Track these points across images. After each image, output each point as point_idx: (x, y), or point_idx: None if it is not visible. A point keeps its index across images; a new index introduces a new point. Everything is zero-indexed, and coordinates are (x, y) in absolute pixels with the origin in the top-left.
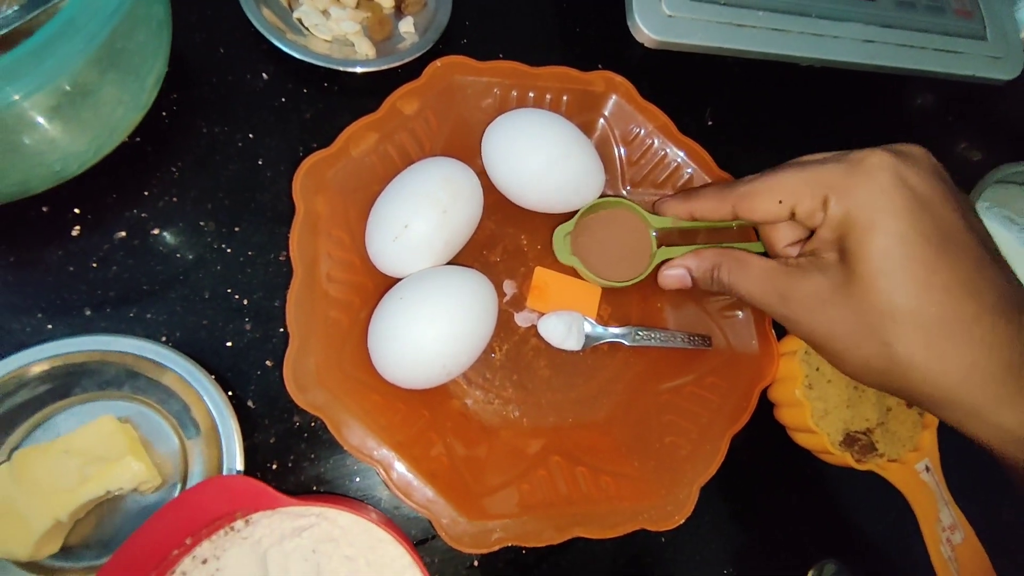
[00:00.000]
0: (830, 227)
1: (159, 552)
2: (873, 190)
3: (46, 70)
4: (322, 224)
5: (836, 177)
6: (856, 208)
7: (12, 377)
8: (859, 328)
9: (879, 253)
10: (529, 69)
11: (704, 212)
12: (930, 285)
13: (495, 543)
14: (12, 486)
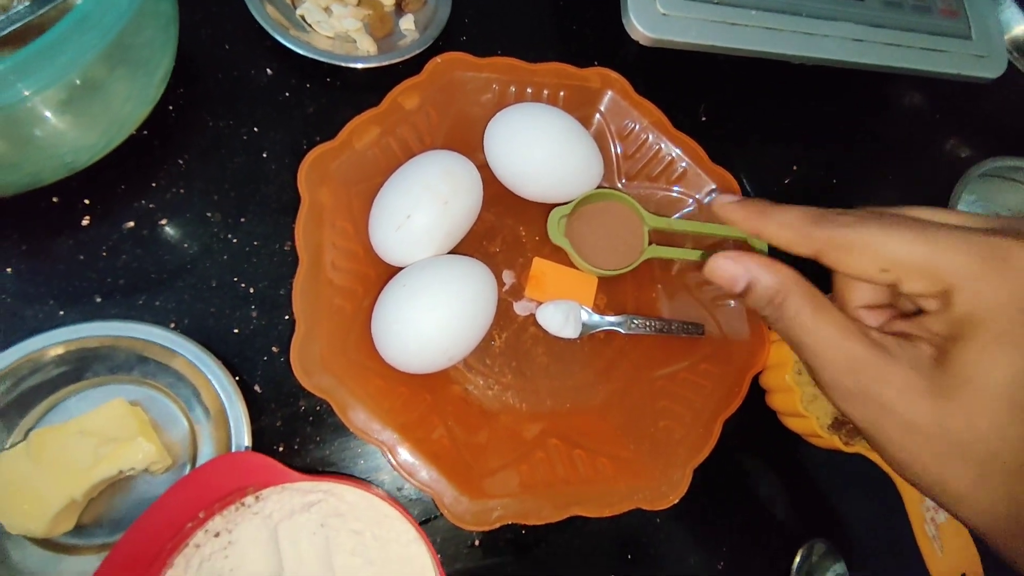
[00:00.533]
0: (944, 322)
1: (175, 524)
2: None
3: (58, 67)
4: (326, 215)
5: (971, 267)
6: (988, 317)
7: (27, 361)
8: (942, 451)
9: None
10: (527, 65)
11: (778, 239)
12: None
13: (496, 521)
14: (29, 465)
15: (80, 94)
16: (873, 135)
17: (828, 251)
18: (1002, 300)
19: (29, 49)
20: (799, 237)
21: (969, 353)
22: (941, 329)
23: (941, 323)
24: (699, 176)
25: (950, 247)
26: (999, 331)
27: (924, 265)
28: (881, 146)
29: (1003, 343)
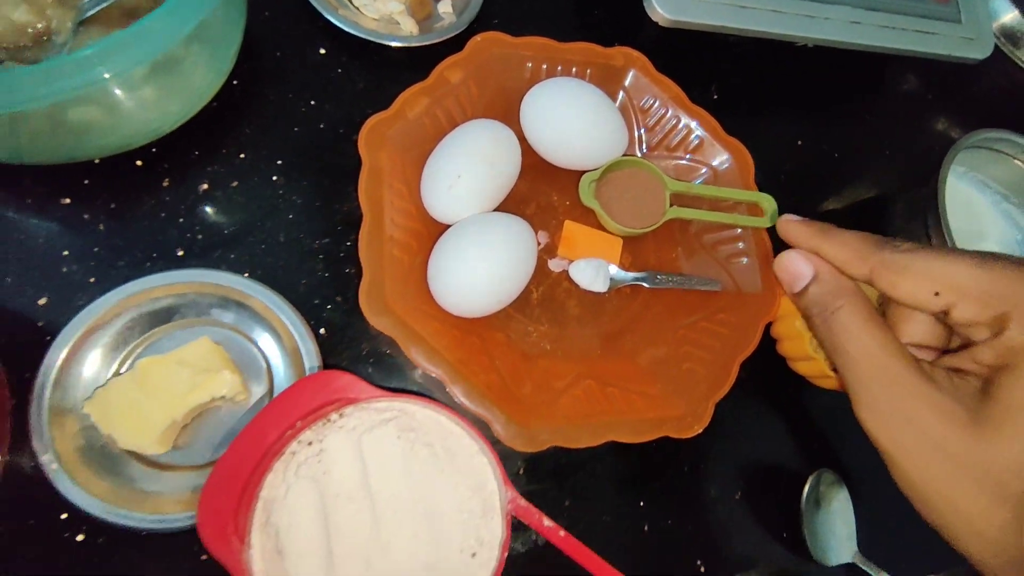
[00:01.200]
0: (993, 350)
1: (274, 435)
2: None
3: (140, 53)
4: (384, 176)
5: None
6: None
7: (123, 305)
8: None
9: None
10: (558, 44)
11: (836, 258)
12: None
13: (542, 443)
14: (136, 390)
15: (162, 69)
16: (871, 111)
17: (883, 273)
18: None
19: (113, 38)
20: (856, 258)
21: (1020, 381)
22: (989, 358)
23: (990, 352)
24: (713, 146)
25: (1008, 275)
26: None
27: (978, 290)
28: (878, 121)
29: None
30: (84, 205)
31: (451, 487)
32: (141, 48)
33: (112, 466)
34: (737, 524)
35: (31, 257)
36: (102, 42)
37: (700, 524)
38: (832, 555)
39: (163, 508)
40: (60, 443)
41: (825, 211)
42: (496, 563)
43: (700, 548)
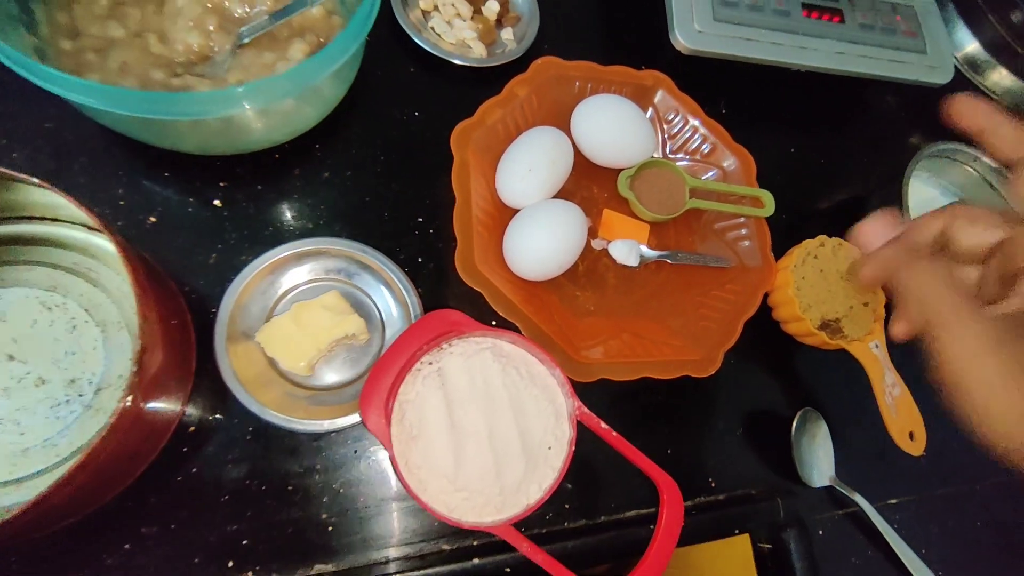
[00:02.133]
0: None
1: (406, 353)
2: None
3: (280, 92)
4: (471, 169)
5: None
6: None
7: (272, 264)
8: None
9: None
10: (601, 67)
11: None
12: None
13: (593, 375)
14: (293, 326)
15: (307, 91)
16: (852, 125)
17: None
18: None
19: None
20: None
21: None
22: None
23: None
24: (723, 151)
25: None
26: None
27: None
28: (858, 133)
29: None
30: (237, 188)
31: (533, 398)
32: (281, 88)
33: (271, 383)
34: (740, 451)
35: (201, 226)
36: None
37: (711, 450)
38: (815, 478)
39: (306, 416)
40: (235, 364)
41: (814, 206)
42: (566, 454)
43: (711, 469)
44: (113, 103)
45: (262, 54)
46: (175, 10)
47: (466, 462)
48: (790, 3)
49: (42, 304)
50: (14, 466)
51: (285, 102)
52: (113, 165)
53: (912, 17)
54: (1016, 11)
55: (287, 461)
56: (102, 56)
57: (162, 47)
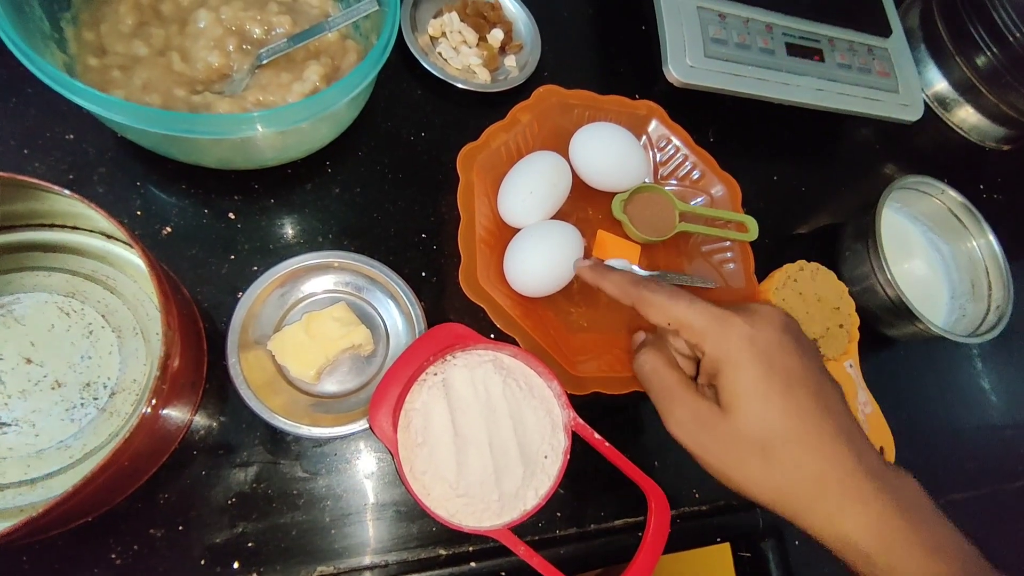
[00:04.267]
0: (707, 363)
1: (414, 364)
2: (732, 344)
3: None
4: (475, 189)
5: (710, 328)
6: (724, 355)
7: (283, 275)
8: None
9: (745, 390)
10: (598, 96)
11: (610, 292)
12: (786, 412)
13: (587, 388)
14: (304, 336)
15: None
16: (831, 156)
17: (639, 305)
18: (730, 345)
19: (278, 109)
20: (621, 293)
21: (726, 380)
22: (709, 368)
23: (708, 363)
24: (711, 178)
25: (700, 313)
26: (734, 362)
27: (687, 323)
28: (836, 164)
29: (739, 369)
30: (251, 201)
31: (532, 409)
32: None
33: (277, 389)
34: None
35: (215, 237)
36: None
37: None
38: None
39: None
40: (246, 369)
41: (794, 232)
42: (561, 463)
43: (696, 481)
44: (143, 121)
45: (279, 74)
46: (197, 30)
47: (467, 469)
48: (775, 43)
49: (60, 309)
50: (29, 467)
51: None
52: (131, 177)
53: (886, 59)
54: (981, 55)
55: (292, 466)
56: (127, 73)
57: (184, 65)
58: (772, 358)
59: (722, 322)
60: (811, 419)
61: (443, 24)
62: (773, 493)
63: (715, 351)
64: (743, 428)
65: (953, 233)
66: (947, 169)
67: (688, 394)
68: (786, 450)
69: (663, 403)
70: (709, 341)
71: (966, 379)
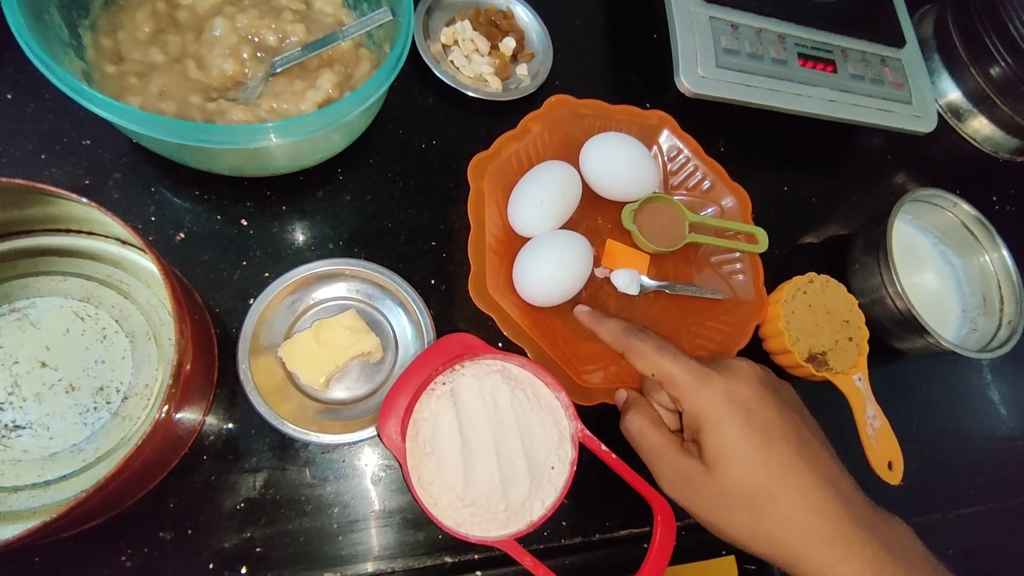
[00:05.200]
0: (687, 419)
1: (423, 373)
2: (711, 401)
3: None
4: (485, 198)
5: (690, 385)
6: (702, 412)
7: (295, 282)
8: (725, 505)
9: (726, 447)
10: (609, 106)
11: (603, 337)
12: (768, 467)
13: (594, 399)
14: (314, 343)
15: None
16: (842, 166)
17: (628, 353)
18: (709, 402)
19: (292, 120)
20: (613, 339)
21: (706, 437)
22: (690, 423)
23: (688, 418)
24: (722, 189)
25: (684, 373)
26: (715, 420)
27: (668, 377)
28: (847, 175)
29: (720, 426)
30: (263, 208)
31: (539, 420)
32: (313, 125)
33: (287, 395)
34: None
35: (227, 243)
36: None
37: None
38: None
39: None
40: (256, 376)
41: (803, 243)
42: (568, 474)
43: None
44: (158, 130)
45: (293, 82)
46: (213, 38)
47: (475, 479)
48: (787, 53)
49: (75, 314)
50: (42, 469)
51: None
52: (145, 183)
53: (899, 69)
54: (995, 65)
55: (301, 472)
56: (143, 80)
57: (199, 73)
58: (751, 413)
59: (701, 379)
60: (793, 471)
61: (455, 32)
62: (765, 545)
63: (694, 408)
64: (727, 485)
65: (965, 246)
66: (960, 180)
67: (673, 454)
68: (773, 506)
69: (652, 464)
70: (688, 398)
71: (975, 392)
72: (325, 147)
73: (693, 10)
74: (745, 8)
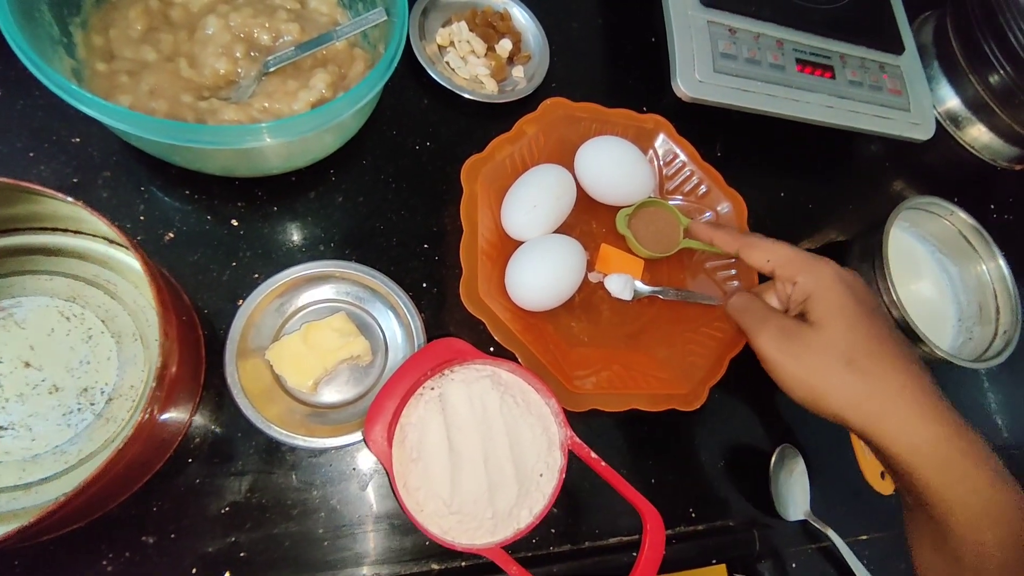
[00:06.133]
0: (798, 292)
1: (411, 378)
2: (824, 275)
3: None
4: (479, 201)
5: (805, 264)
6: (814, 282)
7: (284, 283)
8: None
9: (835, 309)
10: (605, 109)
11: (719, 243)
12: (870, 333)
13: (584, 406)
14: (302, 346)
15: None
16: (839, 173)
17: (743, 249)
18: (822, 276)
19: (284, 121)
20: (730, 241)
21: (817, 302)
22: (799, 296)
23: (799, 293)
24: (717, 194)
25: (797, 256)
26: (826, 287)
27: (786, 261)
28: (845, 181)
29: (830, 292)
30: (254, 208)
31: (528, 426)
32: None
33: (276, 399)
34: (720, 484)
35: (217, 244)
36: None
37: (692, 482)
38: (791, 512)
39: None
40: (243, 380)
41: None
42: (556, 482)
43: (692, 499)
44: (147, 130)
45: (286, 82)
46: (206, 37)
47: (462, 486)
48: (785, 58)
49: (61, 313)
50: (24, 471)
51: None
52: (135, 181)
53: (898, 76)
54: (994, 73)
55: (287, 476)
56: (135, 79)
57: (191, 71)
58: (857, 292)
59: (815, 259)
60: (891, 342)
61: (451, 33)
62: (853, 399)
63: (808, 280)
64: (831, 340)
65: (962, 255)
66: (957, 188)
67: (777, 315)
68: (871, 362)
69: (755, 324)
70: (804, 272)
71: (971, 401)
72: (318, 148)
73: (691, 14)
74: (743, 13)
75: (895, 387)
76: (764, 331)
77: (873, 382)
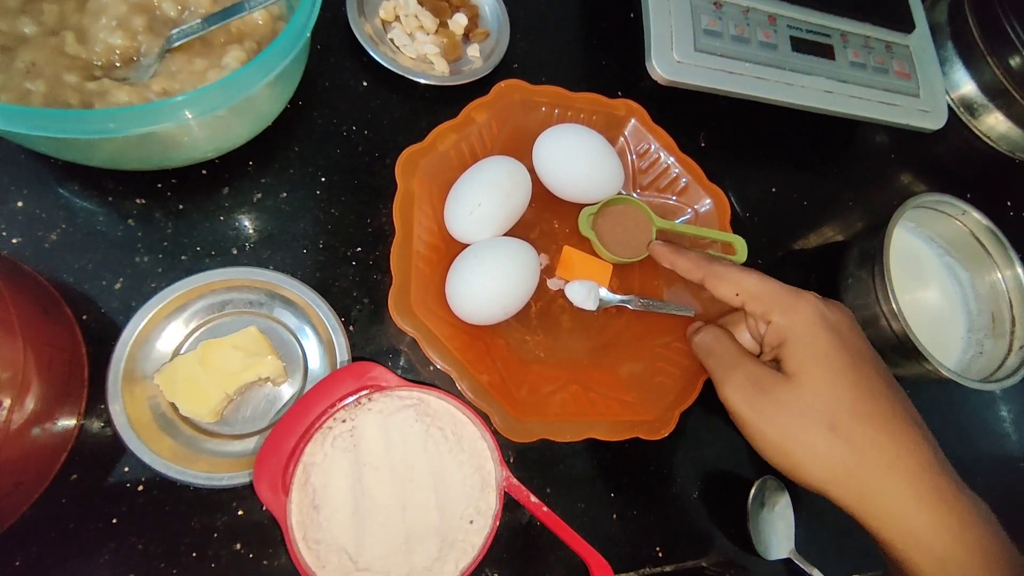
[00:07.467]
0: (772, 333)
1: (317, 409)
2: (803, 315)
3: (221, 100)
4: (415, 199)
5: (781, 299)
6: (791, 324)
7: (185, 293)
8: (802, 418)
9: (814, 358)
10: (569, 93)
11: (681, 271)
12: (857, 387)
13: (533, 436)
14: (198, 367)
15: (239, 104)
16: (839, 166)
17: (709, 279)
18: (800, 315)
19: (203, 89)
20: (694, 268)
21: (793, 348)
22: (773, 340)
23: (772, 335)
24: (697, 190)
25: (773, 289)
26: (804, 331)
27: (759, 294)
28: (844, 175)
29: (808, 338)
30: (156, 206)
31: (457, 465)
32: (224, 96)
33: (170, 429)
34: (693, 519)
35: (109, 247)
36: (193, 93)
37: (661, 516)
38: (772, 550)
39: (209, 468)
40: (130, 407)
41: (790, 251)
42: (489, 530)
43: (660, 537)
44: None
45: (193, 60)
46: (98, 6)
47: (372, 538)
48: (778, 36)
49: None
50: None
51: (210, 116)
52: (12, 175)
53: (907, 57)
54: (1016, 56)
55: (182, 517)
56: (9, 55)
57: (79, 47)
58: (843, 335)
59: (793, 294)
60: (883, 399)
61: (397, 7)
62: (837, 472)
63: (783, 321)
64: (810, 398)
65: (974, 260)
66: (971, 182)
67: (749, 361)
68: (858, 426)
69: (721, 369)
70: (778, 310)
71: (979, 416)
72: (226, 135)
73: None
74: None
75: (887, 459)
76: (731, 380)
77: (861, 452)
